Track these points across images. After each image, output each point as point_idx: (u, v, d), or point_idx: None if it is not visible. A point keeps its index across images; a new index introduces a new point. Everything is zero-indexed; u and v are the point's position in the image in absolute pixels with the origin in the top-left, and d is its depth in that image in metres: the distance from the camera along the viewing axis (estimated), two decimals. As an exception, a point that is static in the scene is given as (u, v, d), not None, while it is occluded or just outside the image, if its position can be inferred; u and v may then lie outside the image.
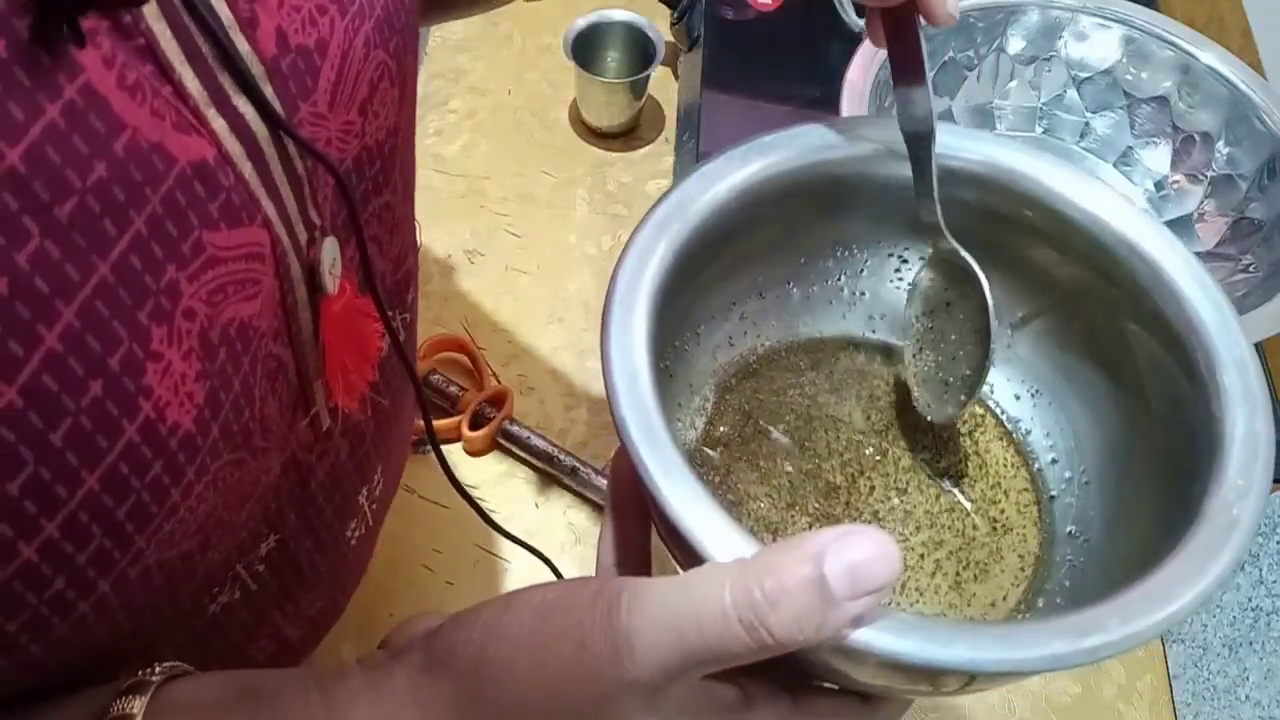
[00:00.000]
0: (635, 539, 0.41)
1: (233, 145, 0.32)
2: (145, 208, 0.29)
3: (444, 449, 0.81)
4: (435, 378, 0.85)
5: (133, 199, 0.28)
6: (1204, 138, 0.77)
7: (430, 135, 1.02)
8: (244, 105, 0.33)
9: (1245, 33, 0.93)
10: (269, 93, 0.33)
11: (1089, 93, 0.81)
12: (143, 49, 0.29)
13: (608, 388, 0.37)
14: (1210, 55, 0.76)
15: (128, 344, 0.29)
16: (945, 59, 0.80)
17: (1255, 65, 0.85)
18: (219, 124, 0.32)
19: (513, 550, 0.77)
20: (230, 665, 0.46)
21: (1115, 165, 0.81)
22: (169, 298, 0.30)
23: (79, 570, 0.31)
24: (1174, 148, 0.79)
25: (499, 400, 0.83)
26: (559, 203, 0.99)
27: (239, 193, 0.33)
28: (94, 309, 0.28)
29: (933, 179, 0.45)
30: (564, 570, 0.71)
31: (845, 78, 0.72)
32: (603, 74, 1.02)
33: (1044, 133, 0.83)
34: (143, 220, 0.29)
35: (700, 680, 0.33)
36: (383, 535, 0.61)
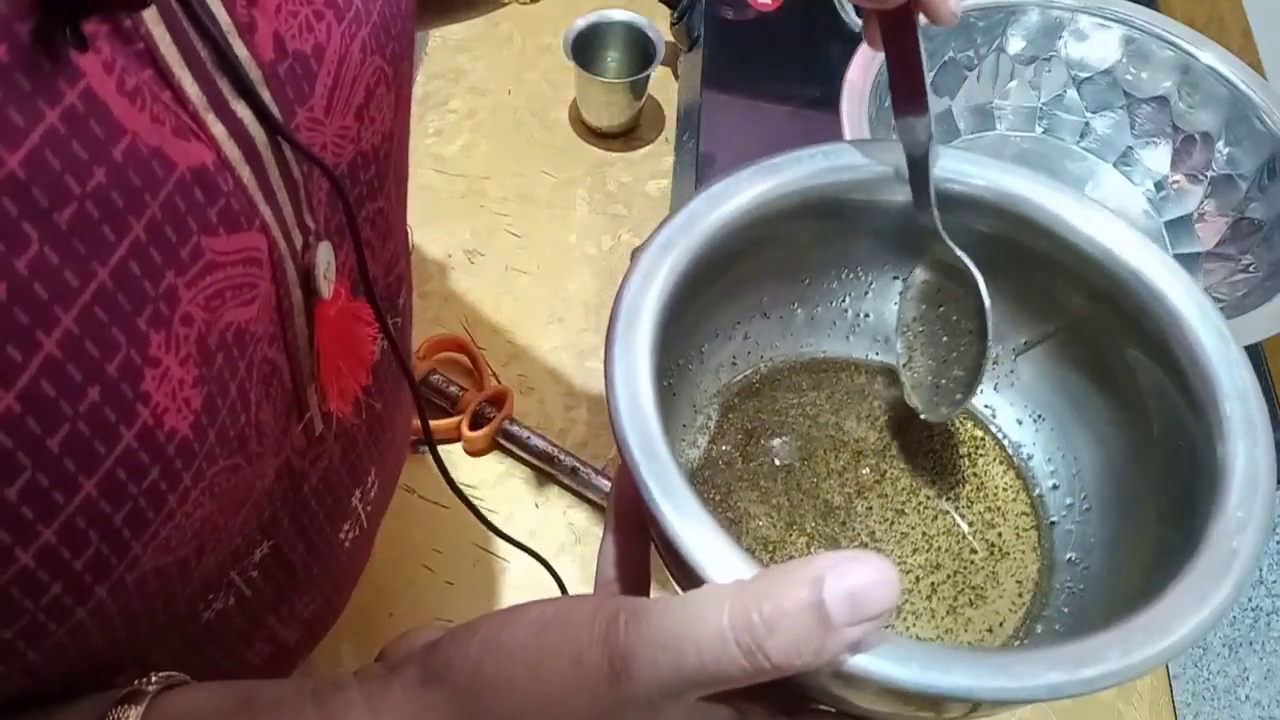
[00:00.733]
0: (635, 556, 0.41)
1: (231, 150, 0.32)
2: (144, 213, 0.29)
3: (444, 449, 0.82)
4: (435, 378, 0.85)
5: (132, 205, 0.28)
6: (1204, 138, 0.77)
7: (430, 135, 1.02)
8: (243, 110, 0.33)
9: (1245, 33, 0.92)
10: (267, 98, 0.33)
11: (1089, 93, 0.81)
12: (142, 54, 0.29)
13: (610, 408, 0.37)
14: (1210, 55, 0.76)
15: (126, 350, 0.29)
16: (945, 59, 0.79)
17: (1255, 65, 0.85)
18: (218, 129, 0.32)
19: (512, 550, 0.77)
20: (226, 670, 0.46)
21: (1115, 165, 0.81)
22: (167, 303, 0.30)
23: (76, 576, 0.31)
24: (1174, 148, 0.79)
25: (499, 400, 0.83)
26: (559, 203, 0.99)
27: (238, 198, 0.33)
28: (93, 315, 0.28)
29: (929, 184, 0.45)
30: (563, 570, 0.71)
31: (845, 78, 0.72)
32: (603, 74, 1.02)
33: (1044, 133, 0.83)
34: (142, 226, 0.29)
35: (696, 701, 0.33)
36: (382, 536, 0.61)
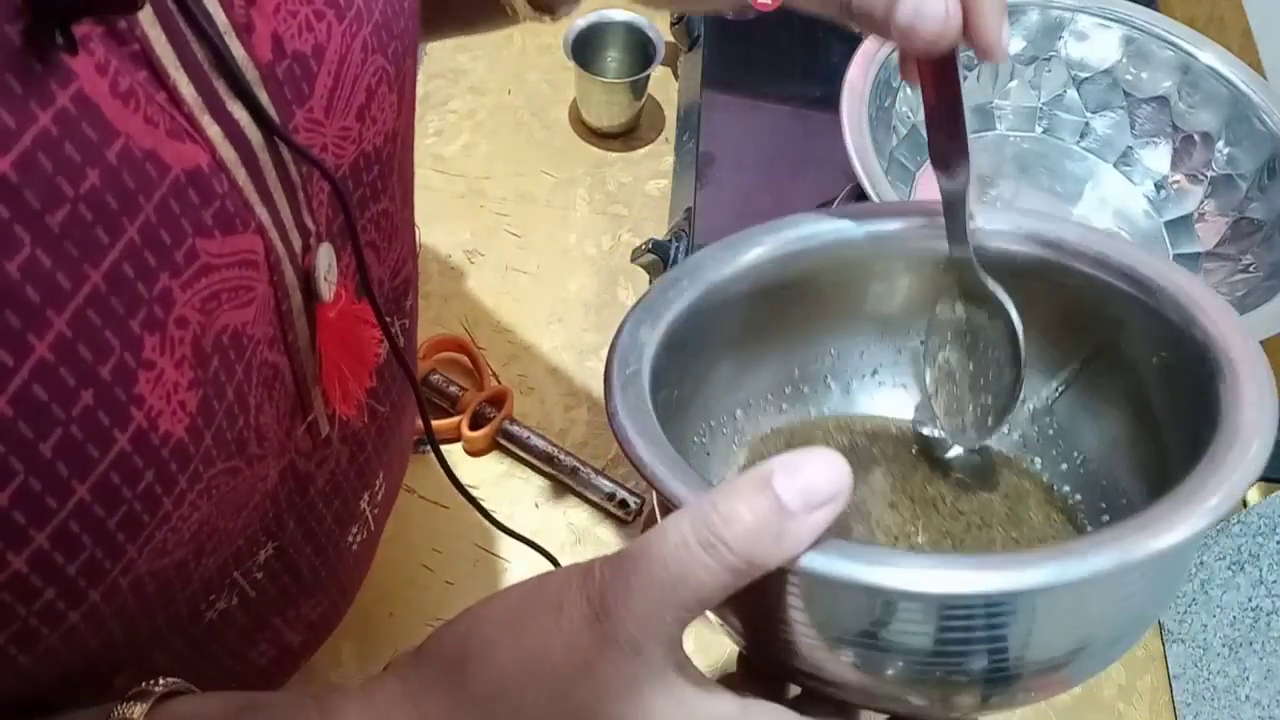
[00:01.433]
0: None
1: (227, 152, 0.32)
2: (138, 216, 0.29)
3: (444, 449, 0.82)
4: (435, 378, 0.85)
5: (126, 207, 0.28)
6: (1204, 138, 0.77)
7: (430, 135, 1.02)
8: (239, 111, 0.32)
9: (1245, 33, 0.92)
10: (264, 99, 0.33)
11: (1089, 93, 0.81)
12: (137, 55, 0.29)
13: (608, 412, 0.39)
14: (1210, 55, 0.76)
15: (119, 353, 0.29)
16: (945, 59, 0.79)
17: (1255, 65, 0.85)
18: (213, 130, 0.32)
19: (513, 550, 0.77)
20: (230, 671, 0.46)
21: (1115, 165, 0.81)
22: (162, 306, 0.30)
23: (69, 580, 0.30)
24: (1174, 148, 0.79)
25: (499, 400, 0.83)
26: (559, 203, 0.99)
27: (233, 200, 0.33)
28: (86, 318, 0.28)
29: (965, 222, 0.45)
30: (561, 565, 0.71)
31: (845, 78, 0.72)
32: (603, 74, 1.02)
33: (1044, 133, 0.83)
34: (136, 228, 0.28)
35: (697, 690, 0.33)
36: (382, 536, 0.61)
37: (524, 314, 0.91)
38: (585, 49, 1.00)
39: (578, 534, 0.80)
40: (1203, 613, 0.73)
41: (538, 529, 0.79)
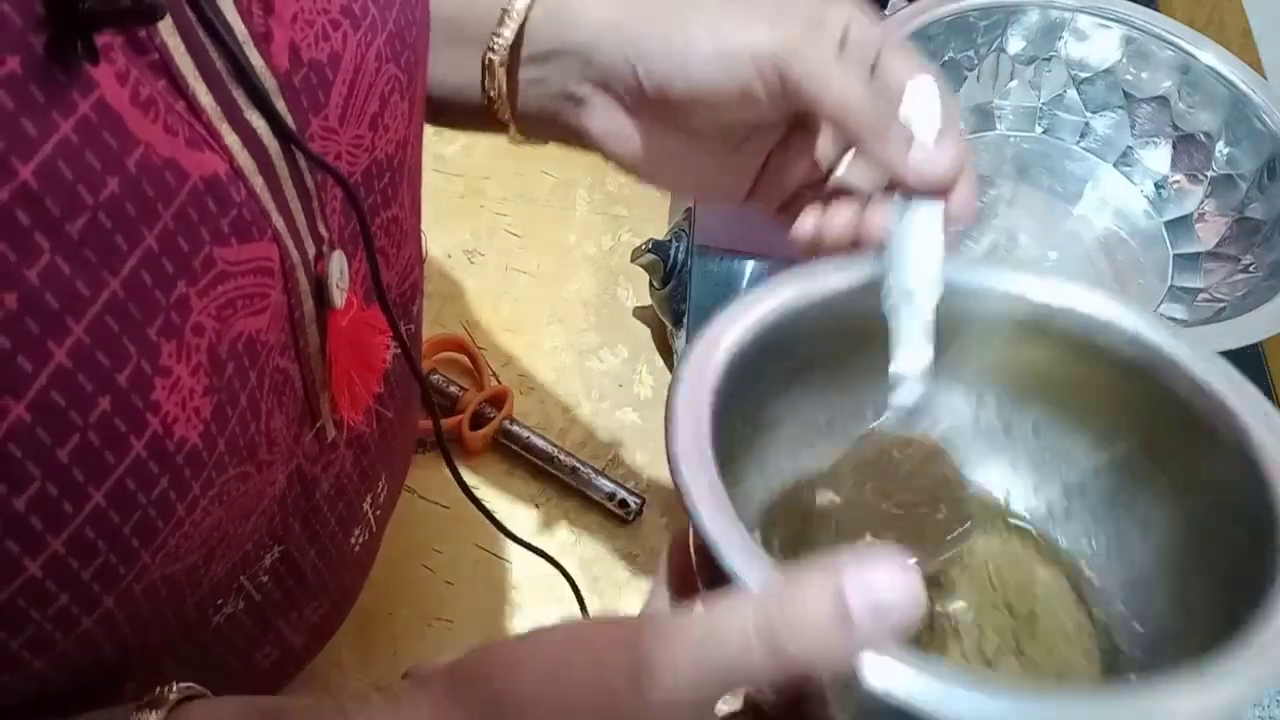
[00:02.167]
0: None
1: (244, 160, 0.32)
2: (157, 224, 0.29)
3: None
4: (435, 378, 0.85)
5: (144, 215, 0.28)
6: (1204, 138, 0.77)
7: (430, 135, 1.02)
8: (257, 120, 0.32)
9: (1245, 33, 0.92)
10: (281, 107, 0.33)
11: (1089, 93, 0.81)
12: (156, 64, 0.29)
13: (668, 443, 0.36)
14: (1210, 55, 0.76)
15: (137, 360, 0.29)
16: (945, 59, 0.79)
17: (1255, 65, 0.85)
18: (231, 139, 0.32)
19: (513, 550, 0.77)
20: (234, 674, 0.46)
21: (1115, 165, 0.81)
22: (179, 313, 0.30)
23: (84, 586, 0.30)
24: (1174, 148, 0.79)
25: (499, 400, 0.83)
26: (559, 203, 0.99)
27: (250, 208, 0.33)
28: (104, 325, 0.28)
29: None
30: (566, 570, 0.71)
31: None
32: (602, 72, 1.02)
33: (1044, 133, 0.83)
34: (154, 236, 0.29)
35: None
36: (384, 537, 0.61)
37: (524, 314, 0.91)
38: (584, 48, 1.00)
39: (578, 534, 0.80)
40: (1202, 612, 0.73)
41: (538, 529, 0.79)
